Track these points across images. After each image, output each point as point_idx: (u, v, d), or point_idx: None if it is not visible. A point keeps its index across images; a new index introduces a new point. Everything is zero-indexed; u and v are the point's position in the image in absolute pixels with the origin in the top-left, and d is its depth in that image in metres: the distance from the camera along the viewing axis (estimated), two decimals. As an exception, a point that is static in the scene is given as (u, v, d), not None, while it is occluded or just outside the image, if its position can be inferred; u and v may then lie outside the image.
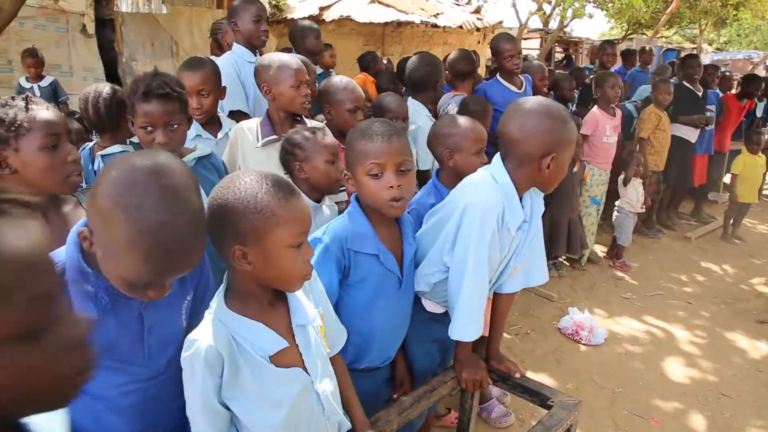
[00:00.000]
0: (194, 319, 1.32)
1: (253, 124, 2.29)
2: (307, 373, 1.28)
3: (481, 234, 1.62)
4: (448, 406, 2.69)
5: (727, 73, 6.23)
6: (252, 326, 1.21)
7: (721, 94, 5.97)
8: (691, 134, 5.36)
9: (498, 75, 3.73)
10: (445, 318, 1.88)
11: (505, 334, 3.50)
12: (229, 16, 2.97)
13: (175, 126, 1.75)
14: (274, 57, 2.29)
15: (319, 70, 4.93)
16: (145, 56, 6.25)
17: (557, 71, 6.05)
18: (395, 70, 3.72)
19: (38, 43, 5.45)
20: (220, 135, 2.43)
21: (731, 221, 5.64)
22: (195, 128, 2.38)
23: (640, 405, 2.93)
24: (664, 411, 2.89)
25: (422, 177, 2.66)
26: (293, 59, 2.28)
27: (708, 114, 5.46)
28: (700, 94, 5.33)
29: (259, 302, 1.24)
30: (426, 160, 2.82)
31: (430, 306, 1.90)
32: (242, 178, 1.17)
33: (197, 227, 1.03)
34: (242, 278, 1.22)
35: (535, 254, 1.88)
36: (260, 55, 2.82)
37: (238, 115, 2.62)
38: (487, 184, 1.67)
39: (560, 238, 4.32)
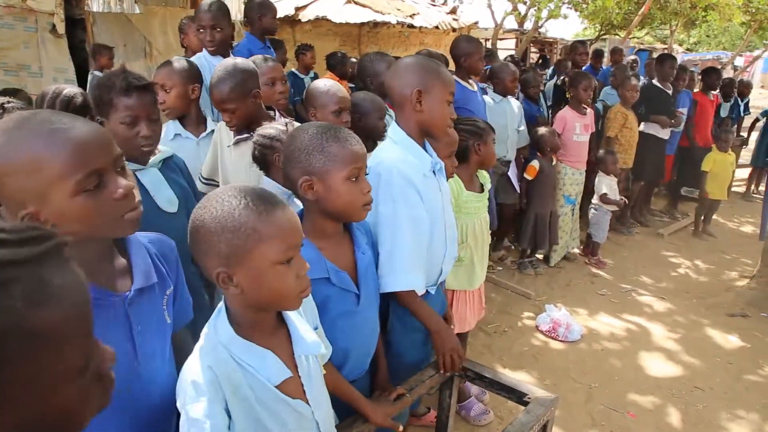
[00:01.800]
0: (178, 316, 1.30)
1: (222, 125, 2.29)
2: (308, 403, 1.24)
3: (400, 190, 1.69)
4: (428, 405, 2.70)
5: (693, 74, 6.34)
6: (259, 353, 1.15)
7: (692, 94, 6.10)
8: (663, 132, 5.47)
9: (456, 74, 3.75)
10: (426, 300, 1.88)
11: (482, 332, 3.54)
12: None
13: (155, 119, 1.75)
14: (245, 60, 2.29)
15: (289, 69, 4.93)
16: (118, 57, 6.14)
17: (526, 70, 6.13)
18: (356, 70, 3.73)
19: (6, 42, 5.32)
20: (201, 135, 2.42)
21: (702, 218, 5.76)
22: (174, 127, 2.37)
23: (616, 400, 2.97)
24: (639, 405, 2.95)
25: None
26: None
27: (678, 114, 5.58)
28: (669, 92, 5.44)
29: (261, 327, 1.18)
30: None
31: None
32: (219, 195, 1.10)
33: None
34: (236, 303, 1.16)
35: None
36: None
37: None
38: (386, 147, 1.80)
39: (544, 233, 4.38)
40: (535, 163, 4.27)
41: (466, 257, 2.52)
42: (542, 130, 4.28)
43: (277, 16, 6.97)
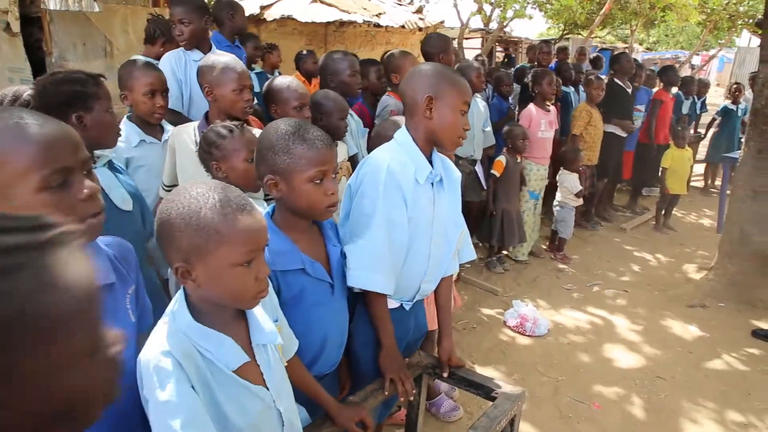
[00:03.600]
0: (143, 314, 1.31)
1: (190, 128, 2.25)
2: (268, 390, 1.25)
3: (385, 189, 1.67)
4: (398, 404, 2.70)
5: (651, 73, 6.52)
6: (217, 338, 1.16)
7: (652, 92, 6.27)
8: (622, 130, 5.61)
9: None
10: (398, 314, 1.86)
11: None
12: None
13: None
14: (218, 59, 2.25)
15: (258, 69, 4.87)
16: (77, 56, 5.97)
17: (501, 69, 6.23)
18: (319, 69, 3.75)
19: (-43, 42, 5.11)
20: (164, 138, 2.40)
21: (662, 212, 5.93)
22: (138, 134, 2.33)
23: (583, 392, 3.04)
24: (604, 396, 3.02)
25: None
26: (237, 63, 2.26)
27: (635, 113, 5.74)
28: (630, 90, 5.58)
29: (219, 316, 1.19)
30: (351, 146, 2.87)
31: None
32: (188, 191, 1.11)
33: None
34: (194, 295, 1.17)
35: (463, 232, 1.97)
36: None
37: (170, 114, 2.56)
38: (387, 147, 1.77)
39: (512, 229, 4.44)
40: (501, 159, 4.32)
41: None
42: (511, 126, 4.34)
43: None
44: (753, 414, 2.90)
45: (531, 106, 4.66)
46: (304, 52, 5.42)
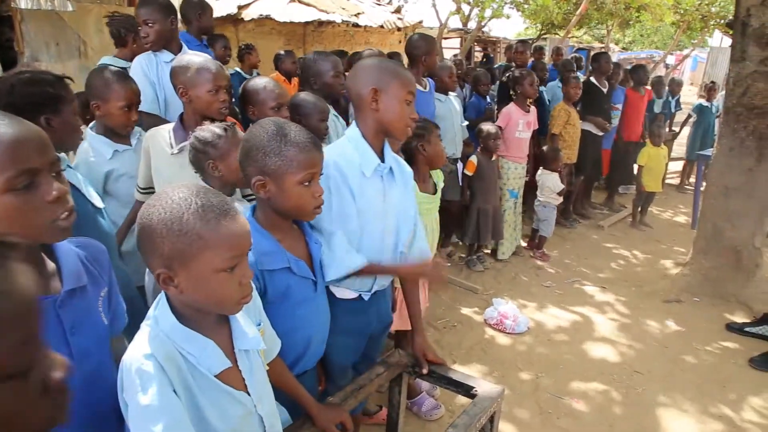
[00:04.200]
0: (116, 317, 1.31)
1: (164, 131, 2.22)
2: (249, 395, 1.25)
3: (334, 184, 1.71)
4: (379, 404, 2.71)
5: (627, 71, 6.61)
6: (200, 341, 1.16)
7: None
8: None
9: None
10: (358, 305, 1.89)
11: (432, 328, 3.58)
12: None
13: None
14: (192, 59, 2.23)
15: (231, 71, 4.81)
16: (50, 56, 5.86)
17: (479, 68, 6.27)
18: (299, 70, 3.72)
19: (-76, 42, 4.98)
20: (133, 142, 2.36)
21: (639, 209, 6.03)
22: (109, 145, 2.29)
23: (562, 387, 3.07)
24: (584, 391, 3.05)
25: None
26: (212, 63, 2.23)
27: (613, 111, 5.82)
28: (605, 90, 5.66)
29: (202, 321, 1.18)
30: None
31: (340, 292, 1.87)
32: (170, 195, 1.10)
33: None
34: (176, 300, 1.16)
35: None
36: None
37: (146, 117, 2.53)
38: (337, 143, 1.82)
39: (487, 228, 4.46)
40: (473, 159, 4.34)
41: None
42: (487, 127, 4.36)
43: (220, 15, 6.83)
44: (727, 406, 2.96)
45: (511, 106, 4.69)
46: (282, 52, 5.38)
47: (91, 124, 2.39)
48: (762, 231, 4.09)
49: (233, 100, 2.60)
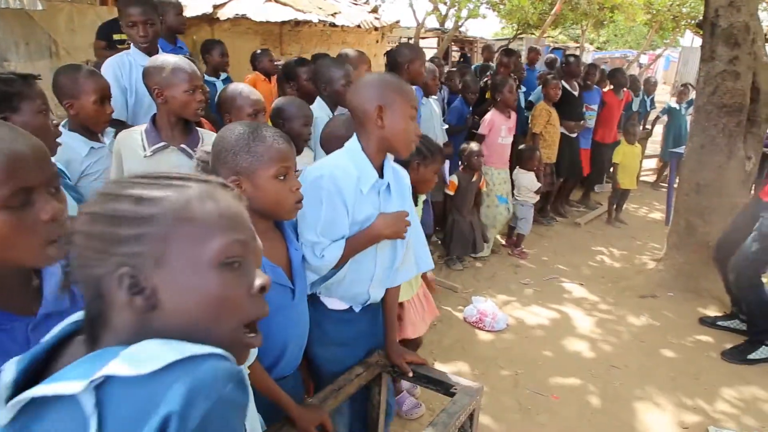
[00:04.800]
0: None
1: (136, 133, 2.18)
2: None
3: (327, 194, 1.70)
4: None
5: (604, 71, 6.72)
6: None
7: (602, 92, 6.45)
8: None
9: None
10: (348, 316, 1.87)
11: (413, 327, 3.58)
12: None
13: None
14: (167, 59, 2.20)
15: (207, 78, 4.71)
16: (19, 56, 5.72)
17: (463, 70, 6.28)
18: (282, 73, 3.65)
19: None
20: (107, 140, 2.33)
21: (614, 206, 6.12)
22: (85, 142, 2.25)
23: (541, 383, 3.10)
24: (562, 387, 3.09)
25: None
26: (187, 63, 2.21)
27: (589, 112, 5.90)
28: (576, 93, 5.73)
29: None
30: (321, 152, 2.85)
31: (330, 303, 1.87)
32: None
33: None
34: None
35: (419, 241, 1.99)
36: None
37: (114, 123, 2.46)
38: (335, 155, 1.81)
39: (459, 239, 4.49)
40: (454, 179, 4.37)
41: None
42: (472, 146, 4.37)
43: (195, 15, 6.74)
44: (701, 397, 3.03)
45: (493, 113, 4.73)
46: (259, 51, 5.32)
47: (63, 122, 2.34)
48: (733, 226, 4.18)
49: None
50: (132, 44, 2.78)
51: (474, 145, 4.36)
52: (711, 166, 4.04)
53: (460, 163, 4.45)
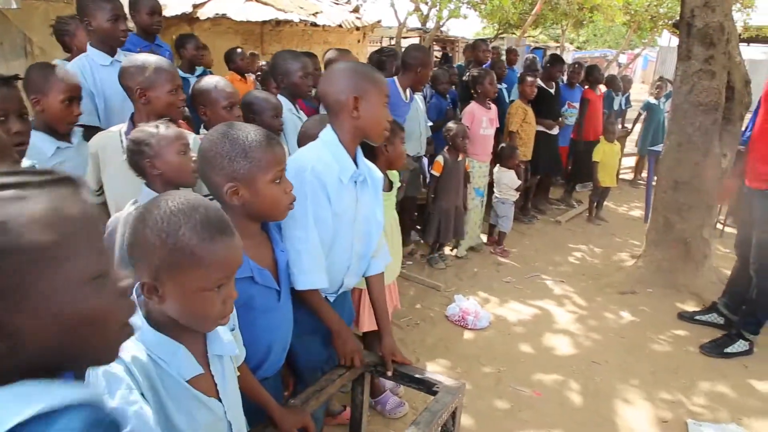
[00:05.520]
0: None
1: (114, 134, 2.15)
2: (221, 402, 1.24)
3: (311, 189, 1.70)
4: (343, 404, 2.70)
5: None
6: (171, 347, 1.14)
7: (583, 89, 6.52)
8: (552, 129, 5.81)
9: (400, 81, 3.79)
10: None
11: (396, 326, 3.59)
12: (79, 14, 2.71)
13: (25, 114, 1.86)
14: (148, 59, 2.18)
15: (182, 74, 4.66)
16: (-7, 56, 5.62)
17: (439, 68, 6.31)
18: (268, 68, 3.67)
19: None
20: (75, 140, 2.28)
21: (595, 204, 6.19)
22: (51, 142, 2.21)
23: (523, 380, 3.12)
24: (544, 383, 3.11)
25: None
26: (167, 62, 2.19)
27: (570, 109, 5.96)
28: (552, 92, 5.79)
29: (178, 324, 1.16)
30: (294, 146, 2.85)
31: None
32: (168, 204, 1.07)
33: None
34: (154, 308, 1.14)
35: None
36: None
37: (87, 131, 2.40)
38: (312, 147, 1.80)
39: (448, 227, 4.51)
40: (440, 159, 4.38)
41: None
42: (452, 125, 4.39)
43: (174, 14, 6.67)
44: (680, 391, 3.07)
45: (473, 105, 4.76)
46: (238, 50, 5.27)
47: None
48: (710, 223, 4.26)
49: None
50: (89, 44, 2.71)
51: (459, 126, 4.37)
52: (688, 164, 4.11)
53: (445, 144, 4.46)
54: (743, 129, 4.10)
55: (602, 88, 6.72)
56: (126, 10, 2.85)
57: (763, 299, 3.39)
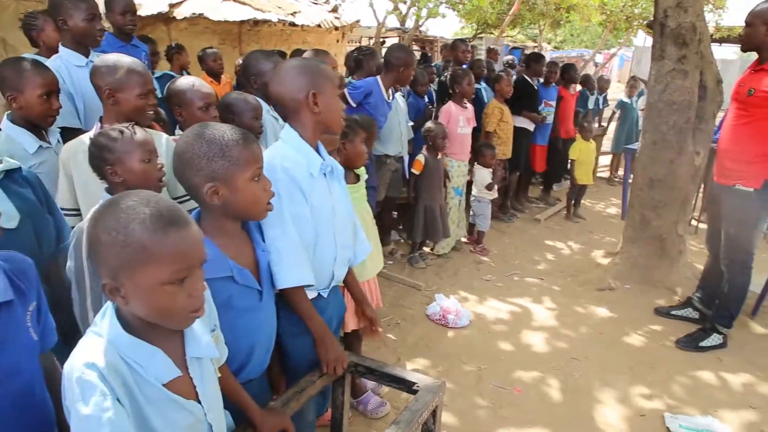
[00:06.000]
0: (46, 333, 1.26)
1: (84, 140, 2.10)
2: (200, 403, 1.22)
3: (284, 187, 1.71)
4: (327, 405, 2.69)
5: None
6: (147, 350, 1.12)
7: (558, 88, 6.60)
8: (529, 123, 5.90)
9: (383, 81, 3.80)
10: (319, 303, 1.89)
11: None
12: (54, 13, 2.66)
13: None
14: (120, 59, 2.13)
15: (159, 73, 4.61)
16: (-37, 55, 5.50)
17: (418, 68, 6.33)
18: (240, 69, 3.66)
19: None
20: (53, 141, 2.24)
21: (572, 202, 6.27)
22: (34, 139, 2.17)
23: (504, 378, 3.15)
24: (524, 380, 3.14)
25: None
26: (141, 65, 2.15)
27: (547, 108, 6.03)
28: (536, 87, 5.87)
29: (153, 327, 1.14)
30: None
31: None
32: (119, 203, 1.06)
33: None
34: (124, 310, 1.12)
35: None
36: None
37: (69, 133, 2.34)
38: (275, 147, 1.81)
39: (436, 225, 4.53)
40: (420, 158, 4.40)
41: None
42: (431, 125, 4.41)
43: (150, 13, 6.57)
44: (657, 385, 3.12)
45: (450, 104, 4.78)
46: (209, 50, 5.19)
47: (6, 113, 2.23)
48: (684, 219, 4.33)
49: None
50: (61, 45, 2.66)
51: (438, 125, 4.40)
52: (663, 162, 4.17)
53: (424, 143, 4.47)
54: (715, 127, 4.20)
55: (577, 87, 6.81)
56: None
57: (734, 293, 3.46)
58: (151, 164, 1.76)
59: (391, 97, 3.89)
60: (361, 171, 2.74)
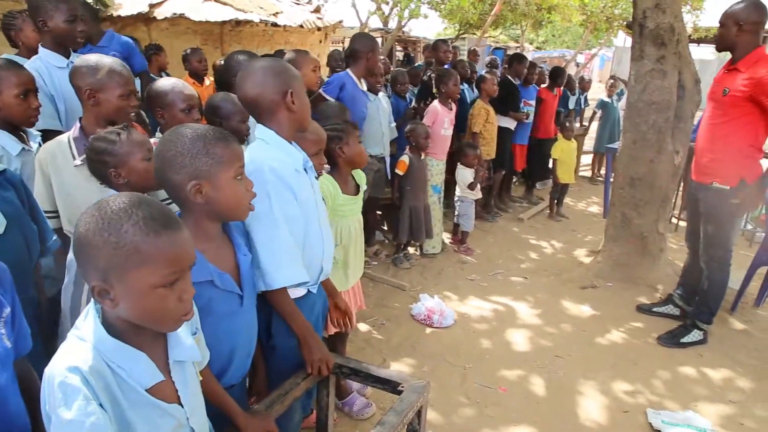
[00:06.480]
0: (19, 339, 1.24)
1: (62, 142, 2.07)
2: (183, 407, 1.22)
3: (273, 188, 1.71)
4: (312, 407, 2.68)
5: (542, 70, 6.94)
6: (131, 354, 1.11)
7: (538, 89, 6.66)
8: (511, 123, 5.95)
9: (352, 71, 3.80)
10: (307, 301, 1.90)
11: (361, 326, 3.60)
12: (34, 14, 2.62)
13: None
14: (102, 59, 2.11)
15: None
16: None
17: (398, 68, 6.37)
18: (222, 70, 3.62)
19: None
20: (34, 145, 2.21)
21: (555, 201, 6.32)
22: (16, 141, 2.14)
23: (489, 377, 3.16)
24: (509, 379, 3.16)
25: None
26: (123, 66, 2.13)
27: (527, 108, 6.09)
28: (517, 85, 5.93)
29: (137, 330, 1.12)
30: None
31: (291, 293, 1.84)
32: (110, 204, 1.05)
33: None
34: (108, 312, 1.10)
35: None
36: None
37: (50, 135, 2.30)
38: (257, 148, 1.79)
39: (420, 225, 4.54)
40: (405, 158, 4.41)
41: (340, 259, 2.54)
42: (416, 126, 4.42)
43: (130, 13, 6.49)
44: (640, 381, 3.16)
45: (436, 104, 4.79)
46: (188, 50, 5.12)
47: None
48: (665, 217, 4.39)
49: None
50: (41, 46, 2.62)
51: (422, 126, 4.41)
52: (643, 161, 4.23)
53: (408, 143, 4.47)
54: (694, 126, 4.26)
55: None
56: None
57: (713, 289, 3.52)
58: (152, 162, 1.76)
59: (364, 87, 3.89)
60: (362, 180, 2.73)
